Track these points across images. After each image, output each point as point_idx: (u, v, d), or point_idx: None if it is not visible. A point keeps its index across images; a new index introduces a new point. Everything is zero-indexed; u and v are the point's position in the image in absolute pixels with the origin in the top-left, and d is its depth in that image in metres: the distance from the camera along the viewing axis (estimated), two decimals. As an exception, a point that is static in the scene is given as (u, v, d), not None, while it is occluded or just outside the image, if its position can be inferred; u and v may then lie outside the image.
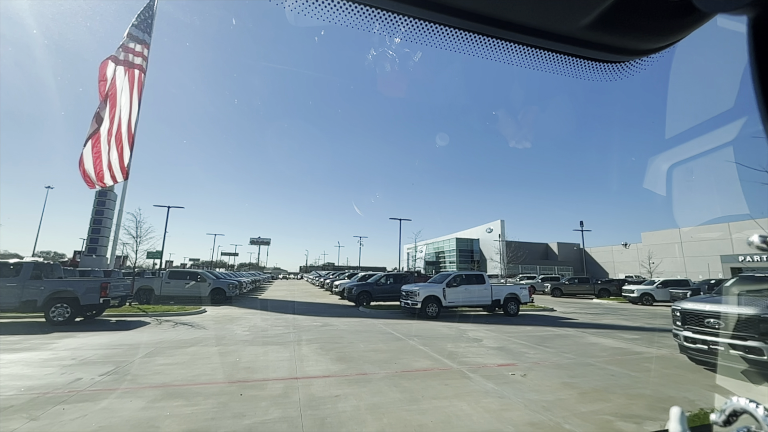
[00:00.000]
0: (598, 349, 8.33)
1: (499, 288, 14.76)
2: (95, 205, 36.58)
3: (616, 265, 69.42)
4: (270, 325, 11.22)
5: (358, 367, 6.33)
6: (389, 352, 7.59)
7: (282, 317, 13.16)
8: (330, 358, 6.97)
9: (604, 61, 0.88)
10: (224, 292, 18.21)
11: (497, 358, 7.16)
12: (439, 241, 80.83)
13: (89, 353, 6.94)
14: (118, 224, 16.74)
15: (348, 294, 18.34)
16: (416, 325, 11.53)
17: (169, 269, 20.20)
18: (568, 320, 13.78)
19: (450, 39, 0.78)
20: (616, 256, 69.96)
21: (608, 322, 13.62)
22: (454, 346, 8.36)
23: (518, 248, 29.66)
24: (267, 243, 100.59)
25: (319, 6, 0.69)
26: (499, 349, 8.01)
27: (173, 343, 8.01)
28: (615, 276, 58.89)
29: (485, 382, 5.57)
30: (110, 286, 11.01)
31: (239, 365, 6.30)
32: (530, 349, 8.08)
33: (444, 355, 7.38)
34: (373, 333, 9.94)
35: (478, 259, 70.82)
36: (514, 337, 9.70)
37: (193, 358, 6.70)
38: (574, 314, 15.92)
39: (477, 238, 73.92)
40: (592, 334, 10.43)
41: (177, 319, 12.04)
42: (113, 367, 5.96)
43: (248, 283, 24.89)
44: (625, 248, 65.72)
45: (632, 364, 6.87)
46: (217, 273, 23.30)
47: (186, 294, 17.77)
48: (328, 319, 12.80)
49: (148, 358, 6.64)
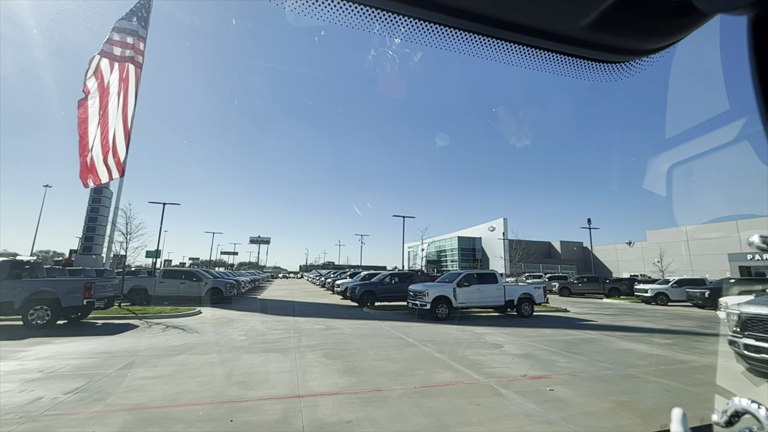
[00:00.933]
0: (635, 356, 7.47)
1: (512, 288, 13.88)
2: (90, 202, 35.71)
3: (619, 263, 68.53)
4: (269, 328, 10.35)
5: (370, 380, 5.46)
6: (403, 361, 6.72)
7: (282, 319, 12.29)
8: (336, 368, 6.10)
9: (604, 61, 0.88)
10: (221, 292, 17.33)
11: (527, 369, 6.29)
12: (441, 240, 79.95)
13: (61, 364, 6.07)
14: (114, 222, 15.91)
15: (351, 294, 17.48)
16: (427, 328, 10.66)
17: (164, 268, 19.35)
18: (587, 322, 12.91)
19: (450, 39, 0.79)
20: (620, 255, 69.06)
21: (630, 324, 12.76)
22: (473, 353, 7.49)
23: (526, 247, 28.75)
24: (267, 242, 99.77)
25: (319, 6, 0.69)
26: (525, 357, 7.14)
27: (160, 351, 7.14)
28: (619, 275, 58.03)
29: (522, 400, 4.70)
30: (95, 287, 10.13)
31: (232, 379, 5.42)
32: (559, 357, 7.21)
33: (465, 364, 6.51)
34: (381, 337, 9.07)
35: (480, 258, 69.97)
36: (536, 342, 8.83)
37: (180, 370, 5.83)
38: (589, 315, 15.06)
39: (479, 237, 73.10)
40: (619, 338, 9.57)
41: (169, 321, 11.17)
42: (84, 383, 5.08)
43: (247, 283, 24.01)
44: (629, 247, 64.79)
45: (682, 376, 6.00)
46: (214, 272, 22.44)
47: (181, 294, 16.89)
48: (331, 321, 11.93)
49: (127, 370, 5.76)
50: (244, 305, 16.60)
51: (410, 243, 66.58)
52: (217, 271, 26.32)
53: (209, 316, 12.50)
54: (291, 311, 14.70)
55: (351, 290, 17.51)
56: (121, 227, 14.93)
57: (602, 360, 7.05)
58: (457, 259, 72.34)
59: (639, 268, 62.30)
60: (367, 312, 14.74)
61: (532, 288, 14.27)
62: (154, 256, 30.72)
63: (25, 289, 9.42)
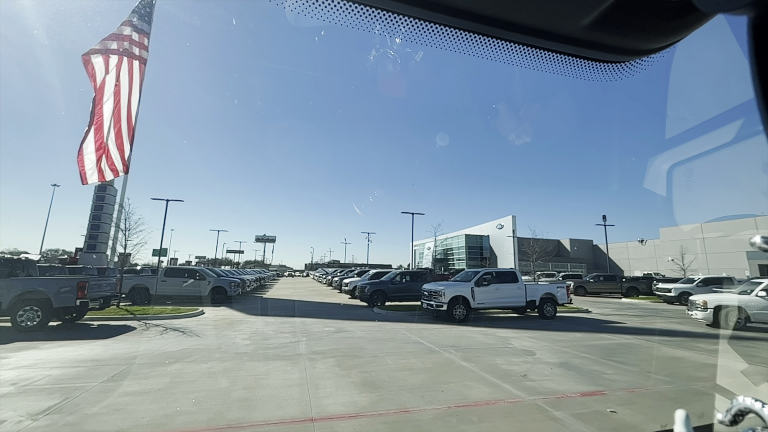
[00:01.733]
0: (689, 366, 6.57)
1: (533, 287, 12.98)
2: (94, 200, 35.30)
3: (631, 261, 66.96)
4: (275, 330, 9.59)
5: (395, 398, 4.65)
6: (427, 371, 5.90)
7: (288, 321, 11.53)
8: (353, 381, 5.30)
9: (604, 61, 0.87)
10: (225, 291, 16.64)
11: (572, 382, 5.44)
12: (448, 238, 78.89)
13: (40, 374, 5.34)
14: (119, 220, 15.30)
15: (360, 293, 16.68)
16: (445, 331, 9.83)
17: (166, 267, 18.72)
18: (615, 324, 11.98)
19: (450, 39, 0.78)
20: (631, 253, 67.50)
21: (663, 326, 11.82)
22: (504, 361, 6.65)
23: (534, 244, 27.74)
24: (272, 240, 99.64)
25: (319, 6, 0.69)
26: (564, 367, 6.28)
27: (154, 358, 6.40)
28: (630, 273, 56.54)
29: (585, 428, 3.86)
30: (89, 286, 9.44)
31: (233, 394, 4.65)
32: (604, 367, 6.34)
33: (499, 376, 5.67)
34: (397, 342, 8.26)
35: (488, 256, 68.83)
36: (570, 347, 7.96)
37: (174, 383, 5.07)
38: (614, 316, 14.11)
39: (487, 235, 71.97)
40: (661, 344, 8.66)
41: (168, 323, 10.46)
42: (59, 400, 4.33)
43: (252, 282, 23.34)
44: (642, 244, 63.25)
45: (759, 391, 5.11)
46: (218, 271, 21.76)
47: (184, 293, 16.23)
48: (341, 323, 11.14)
49: (114, 383, 5.01)
50: (248, 305, 15.89)
51: (415, 241, 65.69)
52: (222, 270, 25.70)
53: (211, 317, 11.78)
54: (298, 312, 13.95)
55: (360, 289, 16.72)
56: (120, 223, 14.25)
57: (654, 371, 6.17)
58: (464, 257, 71.25)
59: (651, 266, 60.77)
60: (378, 312, 13.94)
61: (555, 287, 13.36)
62: (160, 255, 30.29)
63: (14, 289, 8.74)
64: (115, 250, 22.35)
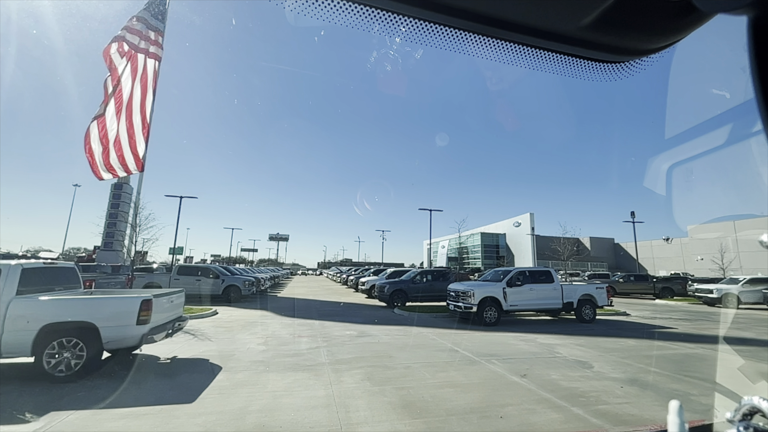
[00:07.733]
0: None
1: (571, 288, 11.87)
2: (111, 198, 35.60)
3: (655, 261, 64.15)
4: (292, 334, 8.81)
5: (444, 426, 3.75)
6: (474, 388, 4.98)
7: (306, 323, 10.76)
8: (389, 401, 4.43)
9: (604, 61, 0.86)
10: (239, 290, 16.04)
11: (656, 407, 4.43)
12: (462, 236, 77.40)
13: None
14: (135, 218, 14.91)
15: (379, 293, 15.81)
16: (479, 337, 8.88)
17: (179, 264, 18.28)
18: (665, 330, 10.78)
19: (450, 39, 0.77)
20: (656, 252, 64.68)
21: (718, 332, 10.58)
22: (561, 376, 5.67)
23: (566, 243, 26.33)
24: (285, 239, 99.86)
25: (319, 6, 0.68)
26: (637, 385, 5.27)
27: (158, 369, 5.67)
28: (655, 273, 53.99)
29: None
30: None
31: (248, 420, 3.83)
32: (685, 385, 5.29)
33: (563, 396, 4.71)
34: (429, 349, 7.36)
35: (504, 255, 67.11)
36: (628, 358, 6.90)
37: (177, 403, 4.29)
38: (657, 320, 12.86)
39: (503, 233, 70.20)
40: (731, 353, 7.51)
41: (179, 324, 9.80)
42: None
43: (266, 280, 22.78)
44: (667, 243, 60.49)
45: None
46: (232, 269, 21.27)
47: (197, 292, 15.68)
48: (363, 326, 10.29)
49: (96, 413, 4.26)
50: (263, 304, 15.23)
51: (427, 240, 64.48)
52: (237, 268, 25.27)
53: (225, 318, 11.11)
54: (315, 312, 13.18)
55: (379, 289, 15.85)
56: (130, 218, 13.78)
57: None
58: (479, 256, 69.63)
59: (678, 266, 58.08)
60: (400, 314, 13.06)
61: (594, 288, 12.21)
62: (174, 253, 30.13)
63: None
64: (130, 248, 22.19)
